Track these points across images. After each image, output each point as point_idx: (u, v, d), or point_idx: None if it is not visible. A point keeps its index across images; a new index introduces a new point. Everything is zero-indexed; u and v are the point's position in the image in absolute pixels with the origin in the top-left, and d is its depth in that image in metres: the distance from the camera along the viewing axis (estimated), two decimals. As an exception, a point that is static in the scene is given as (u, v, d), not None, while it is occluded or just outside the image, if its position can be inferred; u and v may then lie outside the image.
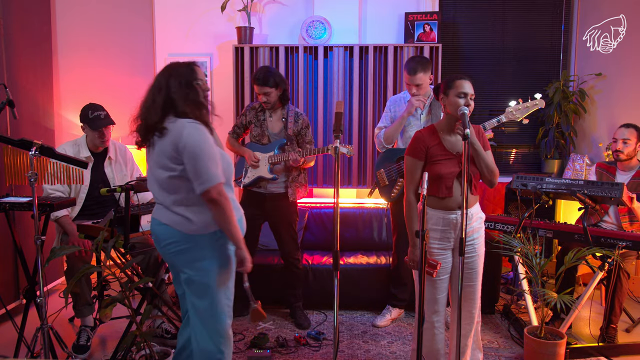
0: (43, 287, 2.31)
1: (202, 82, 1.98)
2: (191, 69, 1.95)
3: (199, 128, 1.86)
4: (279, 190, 3.19)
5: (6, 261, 3.33)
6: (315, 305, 3.50)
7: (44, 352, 2.39)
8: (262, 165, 3.15)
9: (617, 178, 3.23)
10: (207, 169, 1.81)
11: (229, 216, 1.85)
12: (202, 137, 1.84)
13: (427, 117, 3.09)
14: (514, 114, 2.80)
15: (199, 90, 1.95)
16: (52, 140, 4.00)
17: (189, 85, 1.92)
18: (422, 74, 2.98)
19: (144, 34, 4.34)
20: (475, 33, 4.51)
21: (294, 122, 3.16)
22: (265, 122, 3.19)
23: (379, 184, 3.23)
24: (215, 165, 1.84)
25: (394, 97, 3.29)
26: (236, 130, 3.30)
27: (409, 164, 2.28)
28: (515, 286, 3.74)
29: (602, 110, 4.22)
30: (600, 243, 2.74)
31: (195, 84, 1.94)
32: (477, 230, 2.29)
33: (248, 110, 3.26)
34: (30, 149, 2.27)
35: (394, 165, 3.14)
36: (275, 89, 3.08)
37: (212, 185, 1.81)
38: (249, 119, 3.24)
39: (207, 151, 1.83)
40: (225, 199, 1.84)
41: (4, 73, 3.34)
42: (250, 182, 3.18)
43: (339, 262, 1.87)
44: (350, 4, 4.13)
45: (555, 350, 2.54)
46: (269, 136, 3.19)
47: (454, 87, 2.16)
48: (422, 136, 2.27)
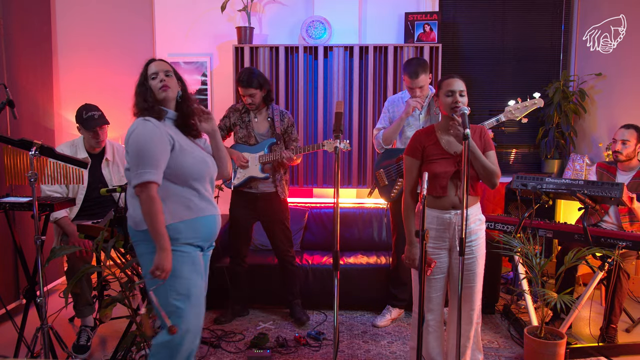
0: (43, 287, 2.31)
1: (158, 75, 1.98)
2: (145, 68, 2.02)
3: (144, 125, 1.88)
4: (269, 189, 3.21)
5: (6, 261, 3.33)
6: (315, 305, 3.50)
7: (44, 352, 2.39)
8: (252, 165, 3.16)
9: (617, 178, 3.23)
10: (138, 166, 1.83)
11: (150, 216, 1.82)
12: (142, 134, 1.86)
13: (426, 117, 3.10)
14: (513, 113, 2.81)
15: (152, 87, 1.97)
16: (52, 140, 4.00)
17: (141, 84, 1.99)
18: (423, 76, 2.99)
19: (144, 34, 4.34)
20: (475, 33, 4.51)
21: (280, 121, 3.19)
22: (250, 123, 3.21)
23: (379, 183, 3.23)
24: (149, 164, 1.83)
25: (392, 98, 3.29)
26: (220, 132, 3.28)
27: (406, 163, 2.31)
28: (515, 286, 3.74)
29: (602, 110, 4.22)
30: (600, 243, 2.74)
31: (146, 83, 1.98)
32: (475, 232, 2.27)
33: (231, 112, 3.26)
34: (30, 149, 2.27)
35: (393, 165, 3.14)
36: (260, 90, 3.10)
37: (139, 182, 1.82)
38: (233, 120, 3.24)
39: (144, 148, 1.84)
40: (150, 200, 1.82)
41: (4, 73, 3.34)
42: (240, 182, 3.20)
43: (339, 262, 1.87)
44: (350, 4, 4.13)
45: (555, 350, 2.54)
46: (255, 137, 3.20)
47: (442, 86, 2.21)
48: (420, 136, 2.30)
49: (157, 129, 1.89)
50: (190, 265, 1.94)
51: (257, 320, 3.35)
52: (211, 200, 2.07)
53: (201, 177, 2.00)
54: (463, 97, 2.17)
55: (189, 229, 1.94)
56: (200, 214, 1.98)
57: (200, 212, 1.98)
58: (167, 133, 1.92)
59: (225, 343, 2.99)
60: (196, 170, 1.97)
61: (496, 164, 2.25)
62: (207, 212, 2.01)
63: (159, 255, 1.82)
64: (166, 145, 1.90)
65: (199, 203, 1.98)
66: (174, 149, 1.92)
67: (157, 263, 1.81)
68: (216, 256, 3.55)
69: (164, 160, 1.88)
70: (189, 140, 2.05)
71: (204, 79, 4.26)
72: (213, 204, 2.07)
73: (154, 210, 1.82)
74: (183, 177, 1.94)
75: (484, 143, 2.27)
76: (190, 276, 1.94)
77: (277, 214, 3.26)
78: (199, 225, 1.98)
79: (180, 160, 1.92)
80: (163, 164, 1.88)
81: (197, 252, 1.99)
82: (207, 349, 2.91)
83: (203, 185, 2.02)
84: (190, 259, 1.95)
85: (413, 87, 3.00)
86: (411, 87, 3.01)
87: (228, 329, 3.18)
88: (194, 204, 1.96)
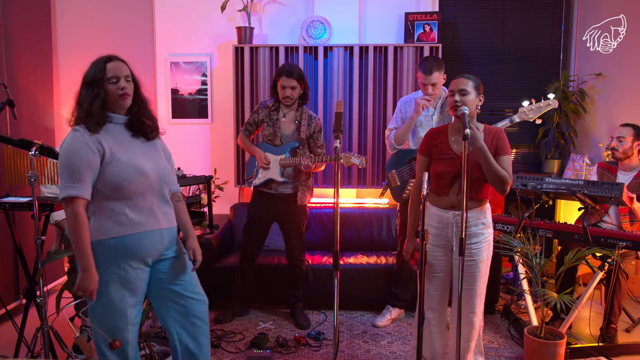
0: (43, 287, 2.32)
1: (120, 81, 1.81)
2: (100, 67, 1.82)
3: (72, 136, 1.76)
4: (288, 191, 3.18)
5: (6, 261, 3.33)
6: (315, 305, 3.50)
7: (44, 352, 2.39)
8: (273, 167, 3.13)
9: (618, 178, 3.23)
10: (63, 180, 1.73)
11: (72, 234, 1.72)
12: (69, 146, 1.74)
13: (439, 117, 3.08)
14: (527, 114, 2.79)
15: (108, 92, 1.81)
16: (52, 140, 4.00)
17: (92, 86, 1.82)
18: (437, 73, 2.98)
19: (144, 34, 4.34)
20: (475, 33, 4.51)
21: (307, 126, 3.13)
22: (277, 122, 3.15)
23: (390, 184, 3.22)
24: (72, 178, 1.72)
25: (404, 98, 3.28)
26: (248, 127, 3.26)
27: (418, 159, 2.37)
28: (515, 286, 3.74)
29: (602, 110, 4.22)
30: (600, 243, 2.74)
31: (101, 86, 1.80)
32: (476, 235, 2.24)
33: (261, 108, 3.22)
34: (30, 149, 2.28)
35: (405, 166, 3.13)
36: (299, 85, 3.07)
37: (62, 197, 1.73)
38: (261, 117, 3.20)
39: (68, 161, 1.73)
40: (73, 216, 1.71)
41: (4, 73, 3.35)
42: (260, 183, 3.17)
43: (339, 262, 1.87)
44: (350, 4, 4.13)
45: (555, 350, 2.54)
46: (281, 137, 3.15)
47: (449, 87, 2.23)
48: (432, 134, 2.33)
49: (85, 140, 1.74)
50: (117, 284, 1.81)
51: (257, 320, 3.35)
52: (156, 212, 1.88)
53: (137, 189, 1.81)
54: (465, 95, 2.13)
55: (118, 246, 1.79)
56: (135, 230, 1.82)
57: (135, 227, 1.82)
58: (97, 143, 1.76)
59: (225, 343, 2.99)
60: (129, 181, 1.78)
61: (508, 170, 2.16)
62: (146, 227, 1.84)
63: (80, 275, 1.72)
64: (93, 158, 1.74)
65: (135, 217, 1.82)
66: (104, 160, 1.76)
67: (78, 284, 1.72)
68: (220, 255, 3.55)
69: (89, 173, 1.74)
70: (139, 142, 1.90)
71: (204, 79, 4.26)
72: (157, 217, 1.88)
73: (75, 228, 1.72)
74: (114, 189, 1.77)
75: (496, 146, 2.20)
76: (115, 296, 1.81)
77: (294, 217, 3.22)
78: (132, 242, 1.81)
79: (110, 171, 1.76)
80: (89, 177, 1.74)
81: (131, 270, 1.83)
82: (207, 349, 2.90)
83: (143, 197, 1.84)
84: (118, 277, 1.81)
85: (426, 84, 3.00)
86: (424, 83, 3.00)
87: (228, 329, 3.18)
88: (127, 219, 1.80)
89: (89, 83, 1.81)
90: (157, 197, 1.90)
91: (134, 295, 1.86)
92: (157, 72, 4.26)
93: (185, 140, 4.31)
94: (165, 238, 1.92)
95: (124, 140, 1.86)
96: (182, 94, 4.29)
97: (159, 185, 1.90)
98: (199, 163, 4.32)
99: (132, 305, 1.86)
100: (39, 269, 2.27)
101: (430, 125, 3.06)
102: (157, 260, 1.94)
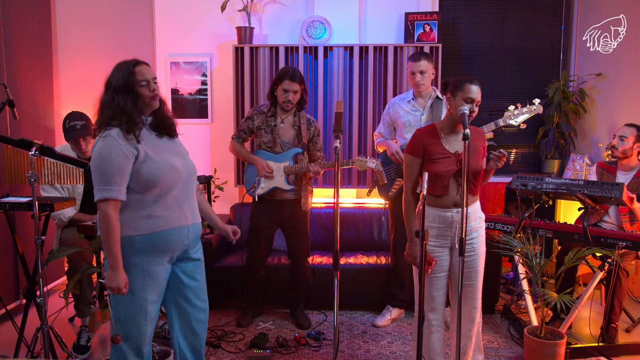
0: (43, 287, 2.32)
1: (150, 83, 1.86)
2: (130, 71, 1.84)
3: (104, 140, 1.79)
4: (292, 197, 3.13)
5: (6, 261, 3.33)
6: (315, 305, 3.50)
7: (44, 352, 2.39)
8: (277, 175, 3.05)
9: (617, 178, 3.23)
10: (97, 183, 1.78)
11: (103, 234, 1.78)
12: (102, 150, 1.78)
13: (428, 118, 3.09)
14: (511, 118, 2.79)
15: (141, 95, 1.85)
16: (52, 140, 4.00)
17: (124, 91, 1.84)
18: (425, 62, 3.00)
19: (144, 34, 4.34)
20: (475, 33, 4.51)
21: (307, 130, 3.07)
22: (276, 129, 3.05)
23: (378, 182, 3.24)
24: (106, 180, 1.76)
25: (392, 100, 3.29)
26: (241, 134, 3.15)
27: (407, 161, 2.29)
28: (515, 286, 3.74)
29: (602, 110, 4.22)
30: (600, 243, 2.74)
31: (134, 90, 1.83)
32: (476, 230, 2.29)
33: (256, 114, 3.10)
34: (30, 149, 2.28)
35: (392, 165, 3.14)
36: (300, 89, 3.00)
37: (96, 199, 1.78)
38: (258, 124, 3.08)
39: (102, 165, 1.77)
40: (105, 217, 1.77)
41: (4, 73, 3.35)
42: (264, 192, 3.08)
43: (339, 262, 1.87)
44: (350, 4, 4.13)
45: (555, 350, 2.55)
46: (281, 144, 3.06)
47: (462, 90, 2.13)
48: (421, 134, 2.28)
49: (117, 144, 1.78)
50: (140, 278, 1.87)
51: (257, 320, 3.35)
52: (184, 208, 1.94)
53: (169, 185, 1.87)
54: (476, 108, 2.16)
55: (147, 242, 1.85)
56: (164, 227, 1.87)
57: (164, 223, 1.88)
58: (130, 147, 1.80)
59: (225, 343, 2.99)
60: (162, 178, 1.84)
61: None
62: (174, 223, 1.90)
63: (109, 273, 1.78)
64: (126, 160, 1.78)
65: (164, 213, 1.88)
66: (137, 160, 1.81)
67: (106, 282, 1.79)
68: (219, 255, 3.55)
69: (122, 175, 1.78)
70: (165, 140, 1.96)
71: (204, 79, 4.26)
72: (185, 213, 1.95)
73: (106, 229, 1.77)
74: (146, 186, 1.83)
75: (483, 147, 2.30)
76: (137, 291, 1.87)
77: (299, 223, 3.19)
78: (160, 238, 1.87)
79: (145, 170, 1.81)
80: (121, 179, 1.78)
81: (155, 265, 1.89)
82: (207, 349, 2.90)
83: (173, 193, 1.90)
84: (141, 272, 1.86)
85: (414, 72, 3.02)
86: (412, 71, 3.03)
87: (228, 329, 3.18)
88: (156, 216, 1.86)
89: (120, 89, 1.82)
90: (186, 192, 1.97)
91: (155, 291, 1.91)
92: (157, 72, 4.26)
93: (185, 140, 4.21)
94: (191, 233, 1.97)
95: (152, 140, 1.92)
96: (182, 94, 4.29)
97: (189, 181, 1.98)
98: (199, 163, 4.29)
99: (153, 302, 1.92)
100: (41, 269, 2.27)
101: (419, 125, 3.07)
102: (180, 259, 2.00)
